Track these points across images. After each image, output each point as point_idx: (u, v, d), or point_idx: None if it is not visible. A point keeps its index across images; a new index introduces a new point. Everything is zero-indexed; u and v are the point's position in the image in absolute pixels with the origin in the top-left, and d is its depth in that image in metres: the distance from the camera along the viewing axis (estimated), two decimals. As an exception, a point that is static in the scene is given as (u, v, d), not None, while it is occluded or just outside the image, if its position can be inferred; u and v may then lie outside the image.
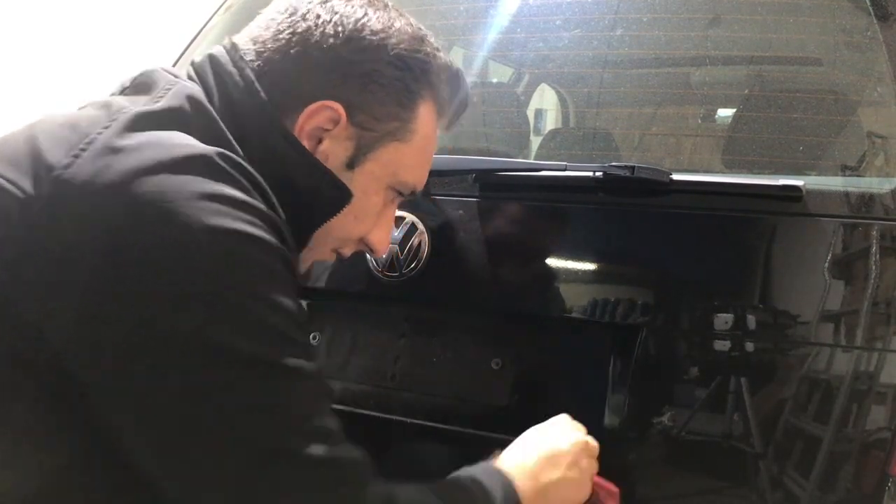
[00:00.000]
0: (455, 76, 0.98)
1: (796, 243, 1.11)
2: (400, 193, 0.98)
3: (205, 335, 0.70)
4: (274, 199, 0.81)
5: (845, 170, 1.18)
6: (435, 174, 1.25)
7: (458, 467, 1.00)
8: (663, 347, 1.15)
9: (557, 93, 1.78)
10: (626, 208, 1.19)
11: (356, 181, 0.92)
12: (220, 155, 0.75)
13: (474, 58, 1.55)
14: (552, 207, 1.23)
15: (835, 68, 1.29)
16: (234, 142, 0.83)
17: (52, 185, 0.72)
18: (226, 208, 0.72)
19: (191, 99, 0.83)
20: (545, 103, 1.86)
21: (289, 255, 0.78)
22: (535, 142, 1.53)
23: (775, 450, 1.07)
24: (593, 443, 1.03)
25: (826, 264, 1.08)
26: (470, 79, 1.54)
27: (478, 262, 1.23)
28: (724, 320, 1.10)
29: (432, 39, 0.95)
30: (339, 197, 0.91)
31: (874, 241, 1.07)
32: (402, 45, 0.90)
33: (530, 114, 1.64)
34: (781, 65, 1.36)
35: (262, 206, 0.76)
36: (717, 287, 1.13)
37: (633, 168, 1.12)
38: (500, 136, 1.51)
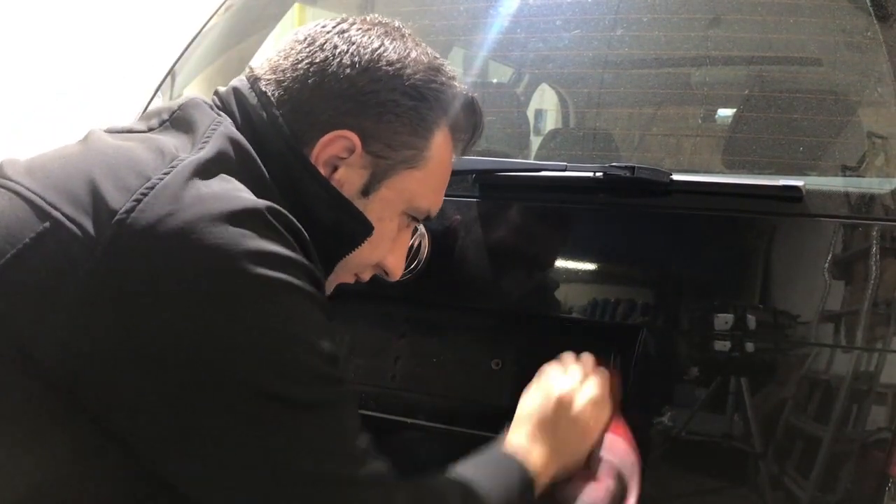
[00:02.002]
0: (470, 104, 0.99)
1: (796, 243, 1.11)
2: (414, 218, 1.01)
3: (251, 379, 0.76)
4: (311, 247, 0.85)
5: (845, 170, 1.18)
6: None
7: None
8: (663, 347, 1.15)
9: (557, 93, 1.78)
10: (626, 209, 1.19)
11: (371, 208, 0.94)
12: (270, 210, 0.80)
13: (474, 58, 1.55)
14: (552, 208, 1.23)
15: (835, 68, 1.29)
16: (272, 184, 0.87)
17: (114, 229, 0.75)
18: (273, 262, 0.77)
19: (233, 142, 0.86)
20: (545, 103, 1.86)
21: (325, 301, 0.84)
22: (535, 142, 1.53)
23: (775, 450, 1.07)
24: (583, 386, 1.07)
25: (826, 265, 1.08)
26: (470, 79, 1.55)
27: (478, 263, 1.23)
28: (724, 320, 1.10)
29: (448, 68, 0.97)
30: (361, 230, 0.94)
31: (874, 241, 1.07)
32: (417, 76, 0.92)
33: (530, 114, 1.64)
34: (781, 65, 1.36)
35: (303, 259, 0.81)
36: (717, 287, 1.13)
37: (633, 168, 1.12)
38: (500, 136, 1.51)
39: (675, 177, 1.13)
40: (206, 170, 0.80)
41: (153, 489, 0.80)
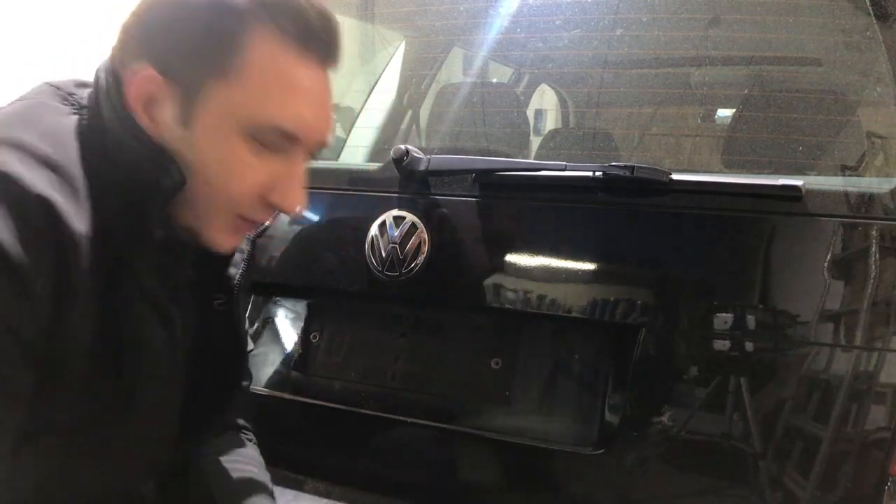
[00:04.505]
0: None
1: (796, 243, 1.11)
2: (284, 139, 0.86)
3: None
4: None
5: (845, 170, 1.18)
6: (435, 174, 1.26)
7: (456, 466, 1.00)
8: (663, 347, 1.14)
9: (557, 93, 1.79)
10: (625, 208, 1.19)
11: (198, 138, 0.84)
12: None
13: (474, 58, 1.55)
14: (552, 207, 1.23)
15: (835, 68, 1.29)
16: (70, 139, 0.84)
17: None
18: None
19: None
20: (545, 103, 1.86)
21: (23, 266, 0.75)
22: (535, 142, 1.53)
23: (775, 450, 1.07)
24: None
25: (826, 264, 1.08)
26: (470, 79, 1.55)
27: (478, 262, 1.23)
28: (723, 320, 1.10)
29: None
30: (167, 177, 0.84)
31: (874, 241, 1.07)
32: None
33: (530, 114, 1.64)
34: (781, 65, 1.36)
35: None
36: (717, 287, 1.13)
37: (632, 168, 1.12)
38: (500, 136, 1.51)
39: (675, 176, 1.13)
40: None
41: None
